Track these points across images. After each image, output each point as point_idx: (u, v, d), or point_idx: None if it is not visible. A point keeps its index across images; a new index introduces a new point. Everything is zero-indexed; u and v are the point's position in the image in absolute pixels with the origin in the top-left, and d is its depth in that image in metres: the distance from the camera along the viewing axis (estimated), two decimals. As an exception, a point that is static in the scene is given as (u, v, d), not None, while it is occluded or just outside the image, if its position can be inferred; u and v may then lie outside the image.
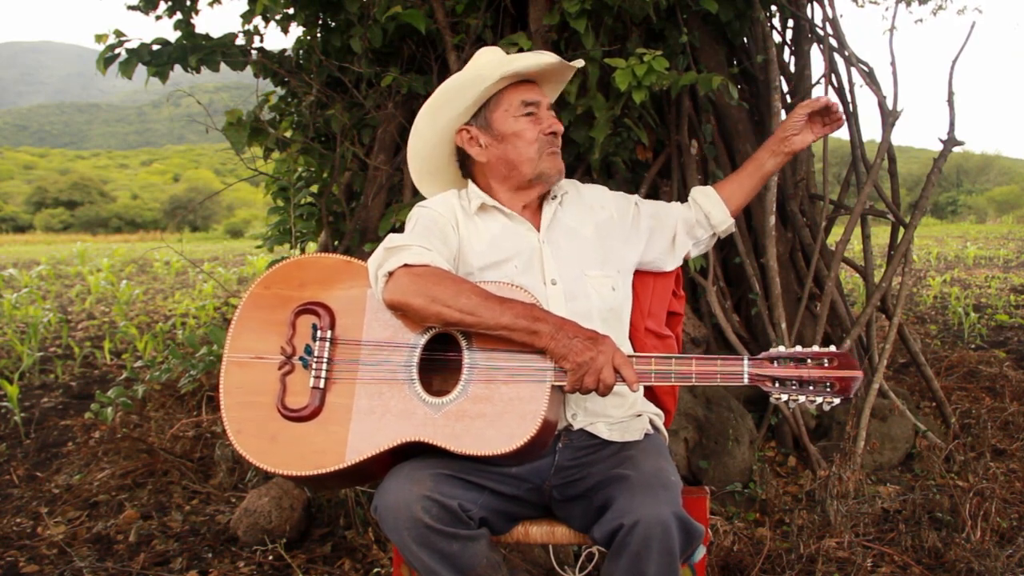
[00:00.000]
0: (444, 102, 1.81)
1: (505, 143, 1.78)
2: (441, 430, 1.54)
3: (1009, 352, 5.17)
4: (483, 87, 1.76)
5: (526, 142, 1.77)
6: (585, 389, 1.53)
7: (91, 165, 63.85)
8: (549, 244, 1.79)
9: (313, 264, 1.74)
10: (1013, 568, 2.32)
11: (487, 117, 1.80)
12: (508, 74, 1.75)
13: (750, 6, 3.58)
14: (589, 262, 1.79)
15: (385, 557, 2.50)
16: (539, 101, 1.79)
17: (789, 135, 1.87)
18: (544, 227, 1.81)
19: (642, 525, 1.43)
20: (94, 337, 6.47)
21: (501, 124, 1.78)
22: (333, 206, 3.71)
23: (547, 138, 1.78)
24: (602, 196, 1.93)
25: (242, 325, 1.70)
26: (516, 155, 1.78)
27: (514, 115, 1.78)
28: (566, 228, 1.83)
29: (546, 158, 1.78)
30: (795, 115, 1.85)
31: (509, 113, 1.78)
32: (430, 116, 1.84)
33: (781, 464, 3.26)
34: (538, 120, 1.78)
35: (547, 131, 1.78)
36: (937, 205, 33.58)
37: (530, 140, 1.77)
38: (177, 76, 3.64)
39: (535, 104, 1.78)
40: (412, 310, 1.58)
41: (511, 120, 1.78)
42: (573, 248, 1.80)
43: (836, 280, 3.56)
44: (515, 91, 1.79)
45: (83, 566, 2.51)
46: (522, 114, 1.78)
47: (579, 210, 1.87)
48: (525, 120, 1.78)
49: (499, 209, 1.80)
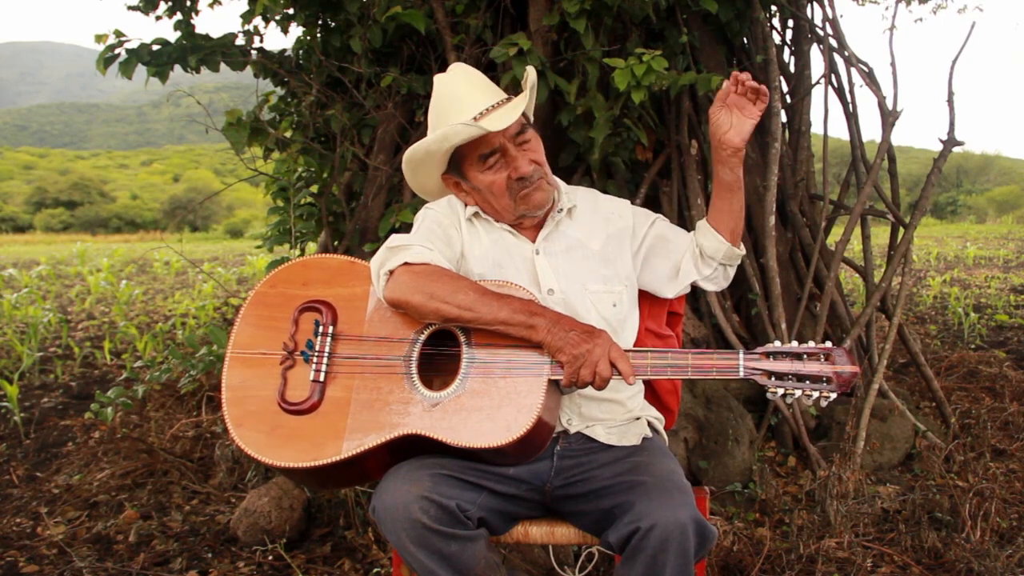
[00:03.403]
0: (414, 167, 1.80)
1: (481, 193, 1.77)
2: (439, 423, 1.55)
3: (1009, 352, 5.17)
4: (435, 159, 1.75)
5: (496, 194, 1.74)
6: (581, 382, 1.53)
7: (91, 165, 63.82)
8: (546, 255, 1.77)
9: (317, 264, 1.77)
10: (1013, 568, 2.32)
11: (461, 169, 1.77)
12: (448, 148, 1.71)
13: (750, 6, 3.58)
14: (591, 276, 1.76)
15: (385, 557, 2.50)
16: (499, 146, 1.70)
17: (720, 137, 1.70)
18: (541, 238, 1.78)
19: (659, 528, 1.43)
20: (94, 337, 6.47)
21: (473, 177, 1.75)
22: (333, 206, 3.71)
23: (516, 183, 1.72)
24: (621, 207, 1.88)
25: (246, 322, 1.73)
26: (495, 202, 1.76)
27: (480, 170, 1.73)
28: (570, 240, 1.79)
29: (520, 201, 1.73)
30: (711, 117, 1.71)
31: (475, 168, 1.74)
32: (411, 172, 1.83)
33: (781, 464, 3.26)
34: (505, 165, 1.72)
35: (514, 176, 1.71)
36: (937, 205, 33.55)
37: (500, 190, 1.73)
38: (177, 76, 3.64)
39: (496, 152, 1.71)
40: (412, 307, 1.60)
41: (479, 175, 1.74)
42: (574, 261, 1.77)
43: (836, 280, 3.56)
44: (473, 146, 1.71)
45: (83, 566, 2.51)
46: (487, 168, 1.73)
47: (590, 221, 1.83)
48: (491, 171, 1.73)
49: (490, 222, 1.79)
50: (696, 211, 3.45)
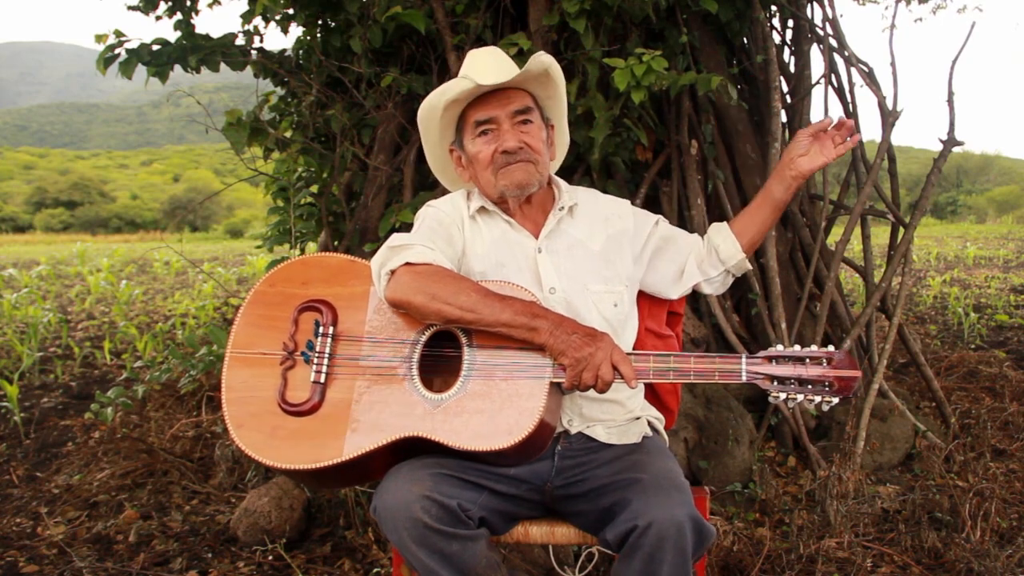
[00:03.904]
0: (424, 129, 1.83)
1: (474, 166, 1.78)
2: (440, 425, 1.55)
3: (1009, 352, 5.17)
4: (437, 117, 1.76)
5: (482, 165, 1.75)
6: (584, 385, 1.53)
7: (91, 165, 63.81)
8: (548, 253, 1.77)
9: (317, 263, 1.76)
10: (1013, 568, 2.32)
11: (462, 140, 1.79)
12: (447, 102, 1.73)
13: (750, 6, 3.58)
14: (593, 276, 1.76)
15: (385, 557, 2.50)
16: (494, 116, 1.72)
17: (794, 157, 1.75)
18: (543, 236, 1.78)
19: (656, 527, 1.43)
20: (94, 337, 6.47)
21: (468, 146, 1.77)
22: (333, 206, 3.71)
23: (501, 156, 1.72)
24: (621, 207, 1.88)
25: (245, 321, 1.72)
26: (481, 177, 1.77)
27: (471, 136, 1.75)
28: (571, 239, 1.79)
29: (501, 176, 1.73)
30: (798, 137, 1.76)
31: (471, 135, 1.75)
32: (424, 135, 1.85)
33: (781, 464, 3.26)
34: (495, 138, 1.73)
35: (500, 149, 1.71)
36: (937, 205, 33.55)
37: (485, 162, 1.74)
38: (177, 76, 3.64)
39: (489, 121, 1.72)
40: (413, 308, 1.60)
41: (471, 143, 1.76)
42: (576, 260, 1.77)
43: (836, 280, 3.56)
44: (473, 110, 1.74)
45: (83, 566, 2.51)
46: (478, 135, 1.74)
47: (591, 221, 1.83)
48: (481, 140, 1.74)
49: (499, 214, 1.79)
50: (696, 211, 3.45)
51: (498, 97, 1.73)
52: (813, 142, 1.75)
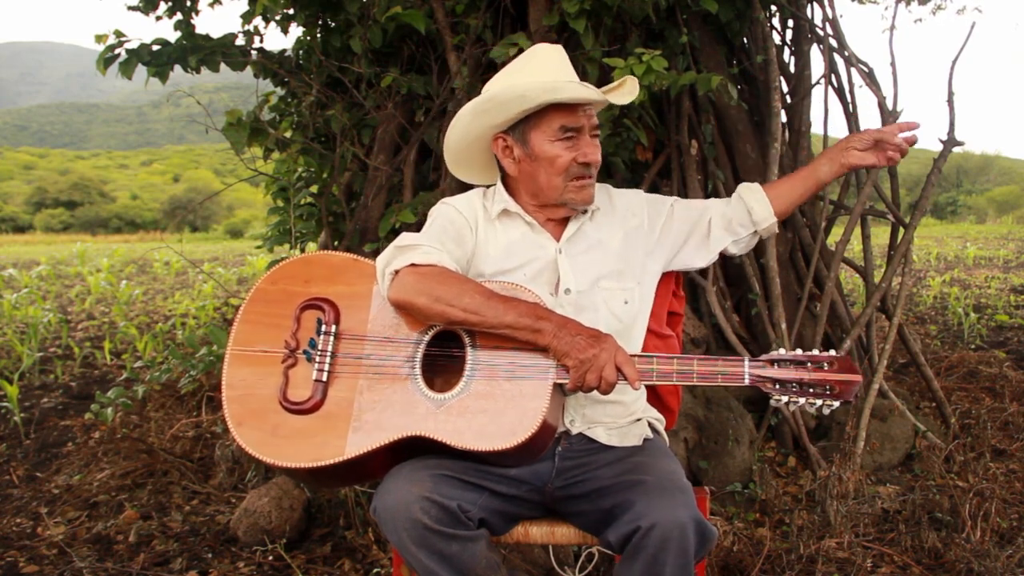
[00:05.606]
0: (484, 110, 1.76)
1: (536, 163, 1.74)
2: (442, 425, 1.55)
3: (1009, 352, 5.17)
4: (524, 107, 1.71)
5: (556, 169, 1.72)
6: (587, 387, 1.53)
7: (91, 165, 63.85)
8: (568, 256, 1.77)
9: (320, 261, 1.76)
10: (1013, 568, 2.32)
11: (525, 132, 1.74)
12: (552, 101, 1.69)
13: (750, 6, 3.58)
14: (605, 272, 1.76)
15: (385, 557, 2.50)
16: (582, 126, 1.71)
17: (852, 147, 1.81)
18: (565, 239, 1.78)
19: (659, 528, 1.43)
20: (94, 337, 6.47)
21: (537, 144, 1.73)
22: (333, 206, 3.71)
23: (578, 167, 1.71)
24: (634, 202, 1.88)
25: (247, 319, 1.71)
26: (544, 179, 1.74)
27: (551, 138, 1.72)
28: (591, 240, 1.79)
29: (572, 189, 1.73)
30: (867, 132, 1.81)
31: (547, 135, 1.72)
32: (470, 117, 1.79)
33: (781, 464, 3.26)
34: (575, 146, 1.71)
35: (580, 159, 1.71)
36: (937, 205, 33.54)
37: (561, 168, 1.71)
38: (177, 76, 3.64)
39: (576, 130, 1.71)
40: (416, 309, 1.60)
41: (547, 143, 1.72)
42: (592, 258, 1.77)
43: (836, 280, 3.56)
44: (558, 113, 1.70)
45: (83, 566, 2.51)
46: (559, 138, 1.71)
47: (610, 221, 1.83)
48: (561, 145, 1.71)
49: (521, 216, 1.79)
50: (696, 211, 3.45)
51: (583, 107, 1.73)
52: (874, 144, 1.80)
